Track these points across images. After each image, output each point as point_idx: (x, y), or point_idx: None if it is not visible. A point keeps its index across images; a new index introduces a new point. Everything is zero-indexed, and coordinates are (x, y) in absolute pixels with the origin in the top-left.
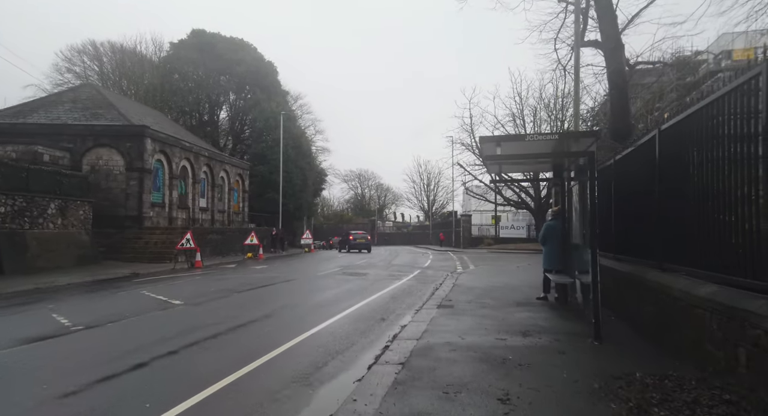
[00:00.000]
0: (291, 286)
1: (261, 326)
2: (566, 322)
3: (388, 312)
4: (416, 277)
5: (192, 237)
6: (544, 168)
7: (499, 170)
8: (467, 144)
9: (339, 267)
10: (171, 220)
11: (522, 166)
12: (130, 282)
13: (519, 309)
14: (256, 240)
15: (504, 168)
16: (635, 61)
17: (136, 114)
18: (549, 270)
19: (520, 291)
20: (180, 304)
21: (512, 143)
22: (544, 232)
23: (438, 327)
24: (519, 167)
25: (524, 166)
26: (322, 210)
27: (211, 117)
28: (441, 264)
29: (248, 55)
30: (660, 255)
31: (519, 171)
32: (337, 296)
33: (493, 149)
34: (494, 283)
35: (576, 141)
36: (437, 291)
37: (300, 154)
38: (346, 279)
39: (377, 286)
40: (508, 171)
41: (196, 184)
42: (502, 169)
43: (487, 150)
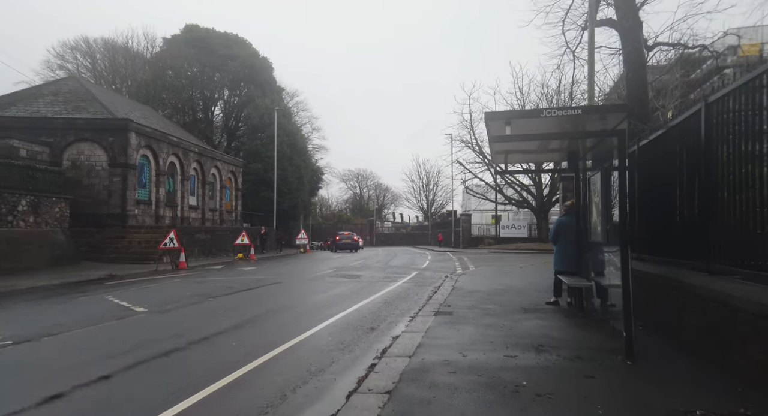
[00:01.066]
0: (276, 290)
1: (227, 339)
2: (585, 333)
3: (379, 320)
4: (413, 279)
5: (176, 237)
6: (555, 157)
7: (505, 160)
8: (467, 141)
9: (332, 268)
10: (158, 219)
11: (531, 155)
12: (101, 285)
13: (528, 317)
14: (247, 240)
15: (510, 158)
16: (654, 42)
17: (122, 108)
18: (561, 271)
19: (527, 295)
20: (142, 312)
21: (525, 121)
22: (556, 229)
23: (435, 340)
24: (527, 156)
25: (533, 154)
26: (321, 210)
27: (206, 114)
28: (439, 265)
29: (243, 50)
30: (706, 255)
31: (527, 161)
32: (325, 301)
33: (501, 128)
34: (497, 286)
35: (602, 117)
36: (435, 295)
37: (295, 152)
38: (338, 281)
39: (370, 289)
40: (515, 161)
41: (185, 181)
42: (509, 159)
43: (495, 129)
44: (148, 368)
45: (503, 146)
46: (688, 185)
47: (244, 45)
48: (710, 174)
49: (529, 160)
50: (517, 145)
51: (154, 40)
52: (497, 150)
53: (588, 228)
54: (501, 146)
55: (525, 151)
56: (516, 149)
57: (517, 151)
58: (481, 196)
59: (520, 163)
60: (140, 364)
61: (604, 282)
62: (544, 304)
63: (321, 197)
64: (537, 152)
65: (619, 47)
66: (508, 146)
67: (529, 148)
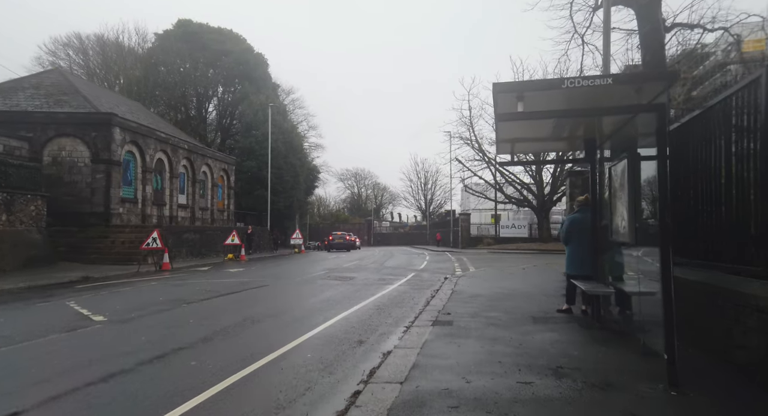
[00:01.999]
0: (259, 295)
1: (187, 358)
2: (610, 350)
3: (369, 331)
4: (410, 282)
5: (159, 237)
6: (566, 146)
7: (512, 149)
8: (466, 138)
9: (325, 270)
10: (144, 218)
11: (541, 143)
12: (71, 289)
13: (539, 328)
14: (237, 240)
15: (518, 147)
16: (672, 22)
17: (107, 102)
18: (575, 275)
19: (535, 301)
20: (99, 322)
21: (541, 95)
22: (568, 227)
23: (432, 359)
24: (536, 145)
25: (544, 143)
26: (318, 209)
27: (199, 111)
28: (438, 266)
29: (237, 46)
30: None
31: (536, 151)
32: (312, 307)
33: (511, 104)
34: (500, 290)
35: (638, 88)
36: (433, 301)
37: (291, 150)
38: (329, 284)
39: (363, 294)
40: (522, 151)
41: (174, 178)
42: (515, 149)
43: (504, 105)
44: (74, 399)
45: (511, 132)
46: (737, 173)
47: (238, 40)
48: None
49: (539, 150)
50: (528, 130)
51: (146, 35)
52: (503, 138)
53: (608, 226)
54: (508, 131)
55: (535, 138)
56: (525, 136)
57: (525, 139)
58: (481, 195)
59: (526, 154)
60: (67, 395)
61: (628, 288)
62: (556, 312)
63: (319, 196)
64: (548, 140)
65: (632, 28)
66: (516, 132)
67: (540, 134)
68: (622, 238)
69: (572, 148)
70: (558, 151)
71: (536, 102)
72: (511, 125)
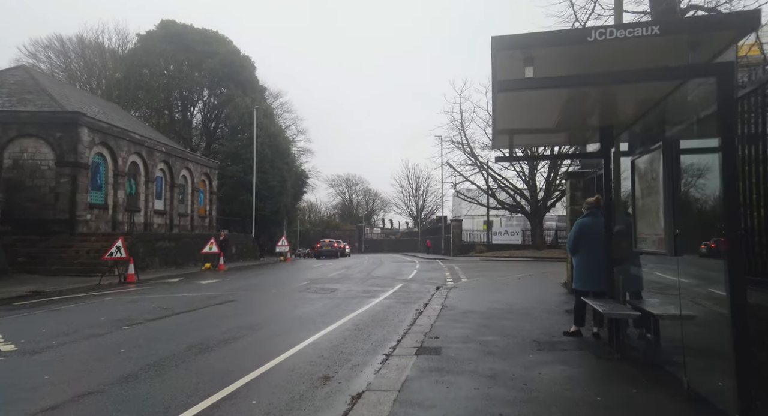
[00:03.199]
0: (222, 312)
1: (89, 409)
2: (642, 394)
3: (340, 362)
4: (396, 294)
5: (124, 245)
6: (571, 139)
7: (510, 142)
8: (457, 141)
9: (307, 280)
10: (115, 225)
11: (544, 135)
12: (8, 306)
13: (546, 359)
14: (216, 248)
15: (518, 140)
16: (688, 4)
17: (77, 102)
18: (584, 291)
19: (535, 319)
20: (5, 353)
21: (559, 53)
22: (577, 234)
23: (413, 409)
24: (539, 138)
25: (548, 135)
26: (309, 216)
27: (184, 115)
28: (428, 275)
29: (222, 47)
30: None
31: (537, 143)
32: (278, 328)
33: (516, 68)
34: (495, 304)
35: (693, 42)
36: (420, 319)
37: (278, 154)
38: (307, 298)
39: (342, 309)
40: (522, 144)
41: (150, 182)
42: (515, 141)
43: (507, 70)
44: None
45: (511, 120)
46: None
47: (223, 42)
48: None
49: (541, 143)
50: (530, 118)
51: (126, 36)
52: (501, 128)
53: (628, 232)
54: (507, 120)
55: (537, 130)
56: (526, 127)
57: (526, 131)
58: (473, 201)
59: (527, 148)
60: None
61: (658, 309)
62: (562, 336)
63: (309, 203)
64: (552, 131)
65: (644, 10)
66: (516, 120)
67: (544, 124)
68: (649, 247)
69: (579, 141)
70: (561, 145)
71: (551, 64)
72: (511, 111)
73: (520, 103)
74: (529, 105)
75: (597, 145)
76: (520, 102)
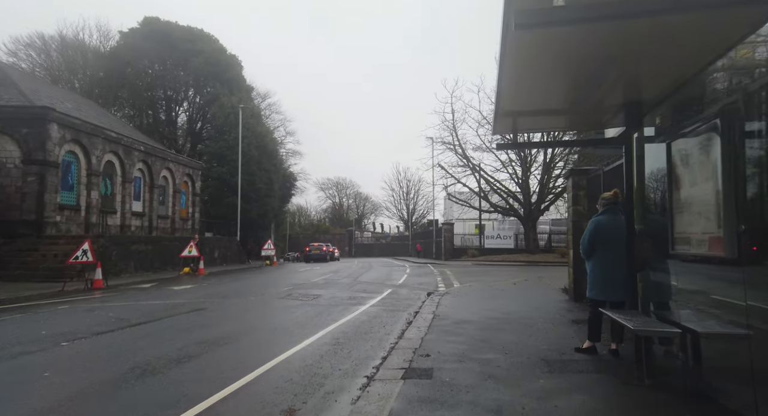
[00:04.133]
0: (183, 324)
1: None
2: None
3: (311, 388)
4: (384, 301)
5: (91, 249)
6: (584, 122)
7: (514, 126)
8: (449, 142)
9: (290, 286)
10: (88, 227)
11: (553, 118)
12: None
13: (560, 385)
14: (195, 252)
15: (522, 124)
16: None
17: (48, 97)
18: (600, 301)
19: (538, 331)
20: None
21: None
22: (593, 234)
23: None
24: (547, 120)
25: (556, 117)
26: (299, 219)
27: (169, 115)
28: (419, 280)
29: (207, 46)
30: None
31: (544, 127)
32: (246, 343)
33: None
34: (492, 313)
35: None
36: (409, 331)
37: (265, 155)
38: (286, 306)
39: (324, 319)
40: (527, 128)
41: (127, 183)
42: (518, 126)
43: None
44: None
45: (518, 99)
46: None
47: (209, 40)
48: None
49: (547, 127)
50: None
51: (108, 33)
52: (505, 109)
53: (653, 232)
54: (513, 100)
55: (545, 110)
56: (533, 108)
57: (533, 113)
58: (465, 203)
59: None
60: None
61: (702, 326)
62: (574, 352)
63: (299, 206)
64: (563, 113)
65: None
66: (522, 100)
67: (554, 104)
68: (698, 249)
69: (592, 125)
70: (571, 131)
71: None
72: (519, 84)
73: (530, 71)
74: (541, 74)
75: (616, 130)
76: (531, 70)
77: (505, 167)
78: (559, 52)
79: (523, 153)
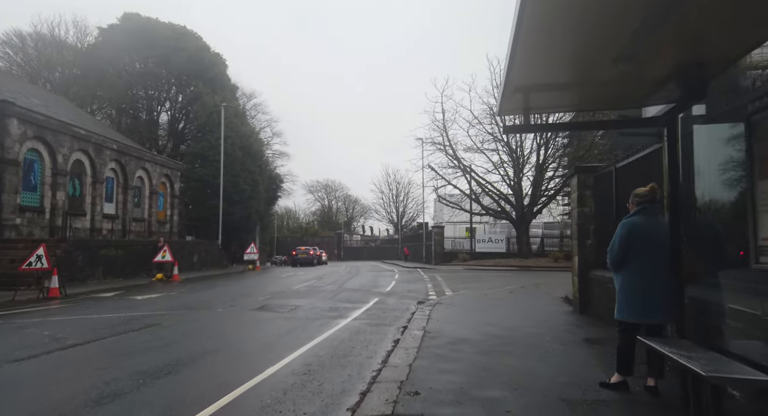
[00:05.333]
0: (127, 346)
1: None
2: None
3: None
4: (369, 313)
5: (46, 254)
6: (623, 97)
7: (525, 103)
8: (439, 143)
9: (267, 295)
10: (54, 230)
11: (577, 92)
12: None
13: None
14: (169, 257)
15: (535, 101)
16: None
17: (10, 91)
18: (633, 324)
19: (548, 354)
20: None
21: None
22: (626, 239)
23: None
24: (567, 96)
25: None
26: (287, 222)
27: (150, 115)
28: (408, 287)
29: (191, 43)
30: None
31: (562, 106)
32: (193, 375)
33: None
34: (491, 328)
35: None
36: (395, 354)
37: (249, 156)
38: (258, 319)
39: (297, 337)
40: (540, 107)
41: (98, 183)
42: (531, 103)
43: None
44: None
45: (530, 70)
46: None
47: (192, 38)
48: None
49: (566, 105)
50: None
51: (86, 29)
52: (516, 83)
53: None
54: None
55: (566, 84)
56: (552, 81)
57: (551, 87)
58: (455, 206)
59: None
60: None
61: None
62: (599, 387)
63: (288, 209)
64: (589, 85)
65: None
66: (540, 69)
67: (584, 71)
68: None
69: (624, 101)
70: (593, 109)
71: None
72: (537, 49)
73: (556, 25)
74: (571, 29)
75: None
76: (557, 23)
77: (497, 168)
78: (590, 14)
79: (515, 154)
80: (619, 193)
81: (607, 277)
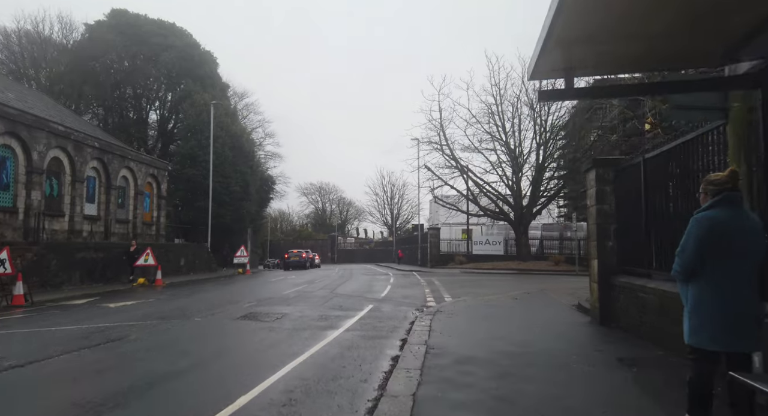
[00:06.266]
0: (74, 368)
1: None
2: None
3: None
4: (363, 323)
5: (9, 258)
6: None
7: (567, 63)
8: (435, 142)
9: (254, 301)
10: (28, 232)
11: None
12: None
13: None
14: (152, 261)
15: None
16: None
17: None
18: (712, 353)
19: (578, 378)
20: None
21: None
22: (702, 239)
23: None
24: (618, 50)
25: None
26: (281, 225)
27: (139, 113)
28: (404, 292)
29: (180, 40)
30: None
31: (615, 65)
32: (146, 408)
33: None
34: (503, 343)
35: None
36: (394, 378)
37: (240, 156)
38: (238, 331)
39: (280, 353)
40: (588, 65)
41: (77, 183)
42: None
43: None
44: None
45: (585, 15)
46: None
47: (182, 34)
48: None
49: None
50: None
51: (71, 25)
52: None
53: None
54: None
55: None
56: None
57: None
58: (452, 207)
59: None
60: None
61: None
62: None
63: (281, 211)
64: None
65: None
66: (597, 16)
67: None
68: None
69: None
70: (654, 69)
71: None
72: None
73: None
74: None
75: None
76: None
77: (495, 168)
78: None
79: (515, 153)
80: (648, 188)
81: (636, 285)
